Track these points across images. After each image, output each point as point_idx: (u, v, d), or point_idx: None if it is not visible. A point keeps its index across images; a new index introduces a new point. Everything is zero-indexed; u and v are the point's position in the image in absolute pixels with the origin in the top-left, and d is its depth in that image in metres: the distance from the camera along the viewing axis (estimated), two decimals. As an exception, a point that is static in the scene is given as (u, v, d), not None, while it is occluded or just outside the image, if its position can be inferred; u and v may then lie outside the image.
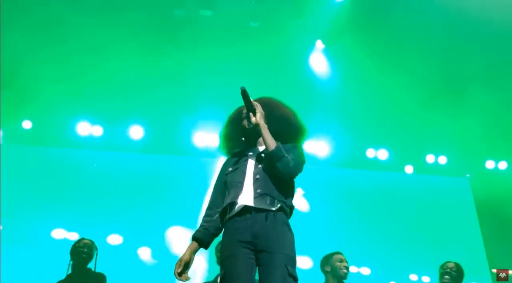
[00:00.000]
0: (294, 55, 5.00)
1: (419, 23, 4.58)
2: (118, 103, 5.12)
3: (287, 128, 2.01)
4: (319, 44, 4.97)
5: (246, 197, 1.84)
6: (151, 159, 5.40)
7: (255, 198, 1.82)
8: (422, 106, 5.12)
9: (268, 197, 1.83)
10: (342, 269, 3.37)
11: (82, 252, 3.45)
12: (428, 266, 5.14)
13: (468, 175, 5.87)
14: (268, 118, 1.94)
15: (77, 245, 3.52)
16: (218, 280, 2.67)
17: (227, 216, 1.86)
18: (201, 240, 1.92)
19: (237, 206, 1.83)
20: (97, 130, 5.29)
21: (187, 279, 1.83)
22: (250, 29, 4.92)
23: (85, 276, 3.45)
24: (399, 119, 5.33)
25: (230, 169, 2.01)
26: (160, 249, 5.08)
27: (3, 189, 4.86)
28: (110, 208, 5.05)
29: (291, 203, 1.95)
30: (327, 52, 5.00)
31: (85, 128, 5.25)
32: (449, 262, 3.67)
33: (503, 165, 5.66)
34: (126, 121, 5.29)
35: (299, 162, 1.92)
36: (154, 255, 5.06)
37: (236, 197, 1.85)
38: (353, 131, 5.47)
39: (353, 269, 4.30)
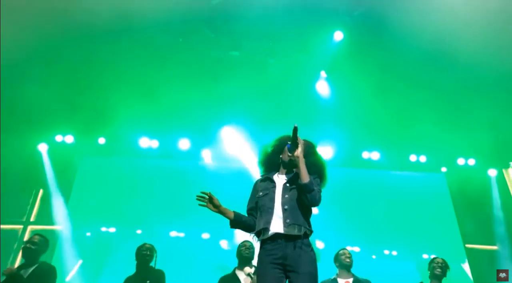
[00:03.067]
0: (304, 82, 6.37)
1: (398, 58, 5.92)
2: (170, 122, 6.52)
3: (316, 168, 2.33)
4: (323, 74, 6.36)
5: (277, 225, 2.12)
6: (197, 166, 6.74)
7: (285, 227, 2.10)
8: (405, 117, 6.43)
9: (296, 226, 2.12)
10: (345, 259, 3.93)
11: (145, 255, 3.92)
12: (412, 245, 6.54)
13: (443, 170, 7.10)
14: (305, 154, 2.25)
15: (141, 248, 3.99)
16: None
17: (261, 238, 2.16)
18: (238, 214, 2.32)
19: (270, 232, 2.11)
20: (154, 143, 6.69)
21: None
22: (268, 64, 6.26)
23: (148, 272, 3.88)
24: (388, 128, 6.63)
25: (260, 194, 2.30)
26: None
27: (83, 191, 6.34)
28: (166, 205, 6.30)
29: (311, 227, 2.24)
30: (329, 79, 6.39)
31: (145, 142, 6.65)
32: (436, 258, 4.08)
33: (471, 162, 6.96)
34: (176, 136, 6.66)
35: (321, 195, 2.24)
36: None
37: (268, 223, 2.14)
38: (351, 138, 6.74)
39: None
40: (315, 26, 5.83)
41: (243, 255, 3.84)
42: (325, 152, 6.76)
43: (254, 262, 3.71)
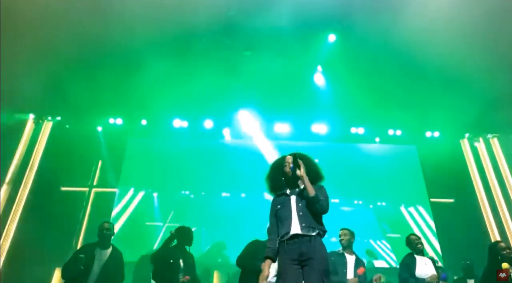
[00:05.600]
0: (304, 75, 7.84)
1: (379, 57, 7.30)
2: (197, 106, 8.09)
3: (315, 176, 2.66)
4: (319, 68, 7.85)
5: (295, 228, 2.45)
6: (220, 143, 8.43)
7: (301, 228, 2.45)
8: (384, 102, 7.90)
9: (310, 228, 2.46)
10: (342, 240, 4.33)
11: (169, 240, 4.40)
12: (390, 198, 8.43)
13: (415, 142, 8.82)
14: (305, 165, 2.57)
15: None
16: None
17: (283, 240, 2.47)
18: (272, 258, 2.55)
19: (290, 234, 2.43)
20: (185, 124, 8.34)
21: None
22: (275, 61, 7.58)
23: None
24: (371, 109, 8.09)
25: (279, 207, 2.59)
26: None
27: (131, 162, 8.08)
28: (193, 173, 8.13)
29: (324, 227, 2.54)
30: (324, 72, 7.88)
31: (178, 123, 8.31)
32: (411, 235, 4.52)
33: (436, 134, 8.66)
34: (202, 117, 8.31)
35: (328, 202, 2.50)
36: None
37: (289, 227, 2.46)
38: (342, 117, 8.34)
39: (335, 200, 7.22)
40: (314, 31, 7.19)
41: None
42: (321, 129, 8.53)
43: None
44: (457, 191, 8.49)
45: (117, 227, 6.49)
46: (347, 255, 4.23)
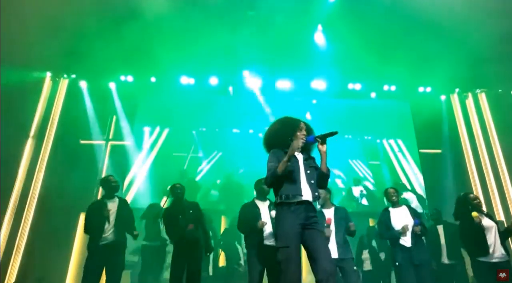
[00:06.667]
0: (306, 34, 8.23)
1: (378, 14, 7.65)
2: (203, 64, 8.52)
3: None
4: (320, 27, 8.24)
5: (307, 195, 2.58)
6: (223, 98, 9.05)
7: (312, 197, 2.60)
8: (381, 58, 8.18)
9: (317, 197, 2.68)
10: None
11: (179, 193, 4.55)
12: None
13: (408, 97, 9.39)
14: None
15: (174, 187, 4.62)
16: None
17: (290, 201, 2.54)
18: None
19: (301, 198, 2.54)
20: (191, 80, 8.87)
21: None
22: (277, 21, 7.91)
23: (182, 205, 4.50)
24: (368, 65, 8.42)
25: (288, 164, 2.57)
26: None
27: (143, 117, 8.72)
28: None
29: None
30: (324, 31, 8.28)
31: (185, 80, 8.83)
32: (388, 188, 4.67)
33: (428, 89, 9.20)
34: (208, 74, 8.80)
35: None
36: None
37: (300, 191, 2.54)
38: (340, 74, 8.78)
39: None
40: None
41: (264, 189, 4.32)
42: (320, 85, 9.06)
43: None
44: (444, 142, 9.18)
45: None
46: (325, 211, 4.38)
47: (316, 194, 2.61)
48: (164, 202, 5.07)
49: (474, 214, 3.94)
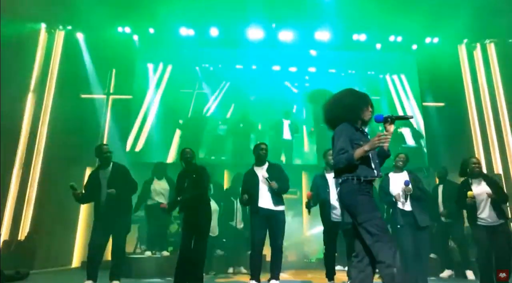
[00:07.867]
0: None
1: None
2: (203, 15, 8.21)
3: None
4: None
5: (378, 173, 2.58)
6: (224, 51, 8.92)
7: (378, 176, 2.57)
8: (387, 7, 7.90)
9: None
10: (331, 160, 3.56)
11: (188, 157, 4.50)
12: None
13: (414, 48, 9.09)
14: None
15: (184, 152, 4.55)
16: None
17: (368, 179, 2.50)
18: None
19: (375, 177, 2.54)
20: (191, 32, 8.61)
21: None
22: None
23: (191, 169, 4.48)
24: (372, 15, 8.14)
25: (361, 142, 2.54)
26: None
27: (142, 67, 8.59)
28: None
29: None
30: None
31: (184, 31, 8.55)
32: (400, 153, 4.61)
33: (435, 40, 8.90)
34: (208, 24, 8.49)
35: None
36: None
37: (377, 169, 2.56)
38: (344, 24, 8.46)
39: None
40: None
41: (261, 155, 4.49)
42: (324, 36, 8.78)
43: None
44: (449, 96, 9.05)
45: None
46: (327, 175, 4.50)
47: (381, 173, 2.61)
48: None
49: (470, 193, 4.07)
